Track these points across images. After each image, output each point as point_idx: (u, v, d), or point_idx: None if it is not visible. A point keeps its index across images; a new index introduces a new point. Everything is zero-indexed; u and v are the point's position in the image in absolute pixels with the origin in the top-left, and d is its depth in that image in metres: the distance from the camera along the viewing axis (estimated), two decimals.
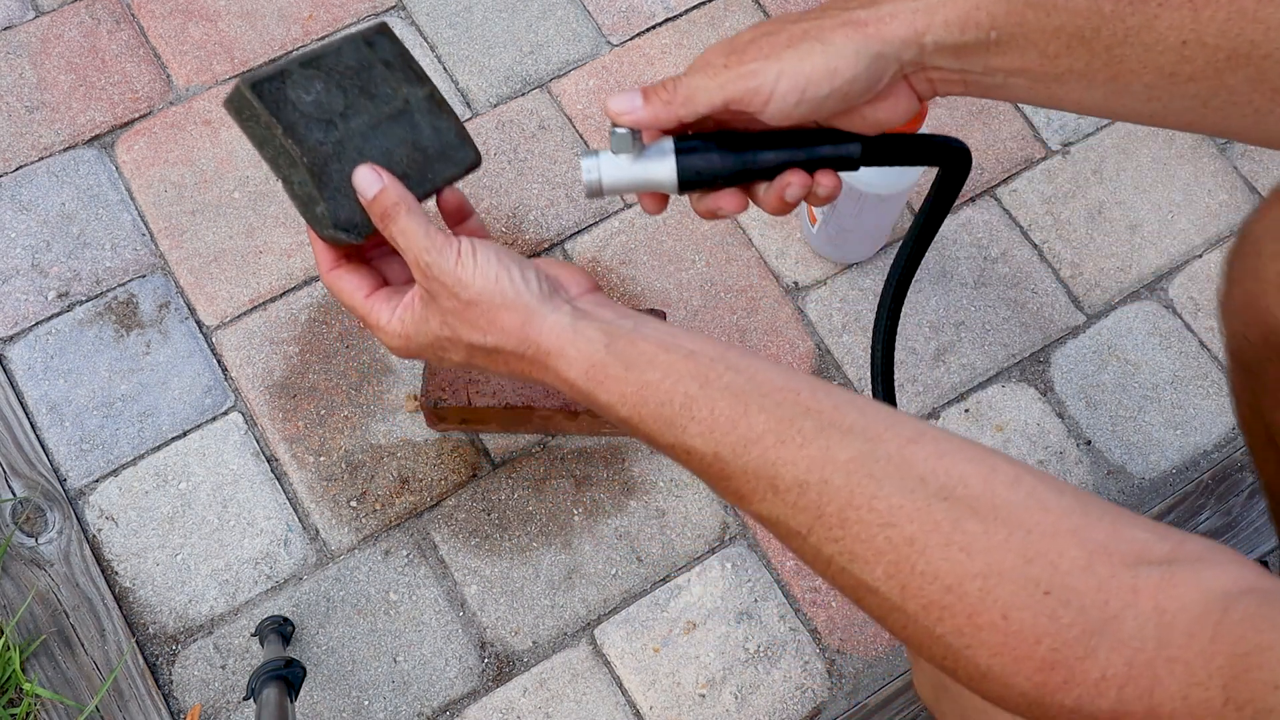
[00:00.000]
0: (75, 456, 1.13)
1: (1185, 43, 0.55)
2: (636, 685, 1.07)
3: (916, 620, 0.50)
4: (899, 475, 0.51)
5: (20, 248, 1.21)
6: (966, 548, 0.48)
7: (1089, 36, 0.56)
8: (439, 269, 0.59)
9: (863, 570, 0.50)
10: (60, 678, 1.03)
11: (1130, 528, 0.49)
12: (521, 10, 1.35)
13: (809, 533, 0.52)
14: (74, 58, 1.29)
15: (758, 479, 0.53)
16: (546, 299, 0.59)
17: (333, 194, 0.61)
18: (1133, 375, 1.21)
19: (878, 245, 1.23)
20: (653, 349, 0.56)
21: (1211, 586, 0.46)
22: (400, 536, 1.11)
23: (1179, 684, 0.44)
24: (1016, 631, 0.47)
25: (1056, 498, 0.50)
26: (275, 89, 0.61)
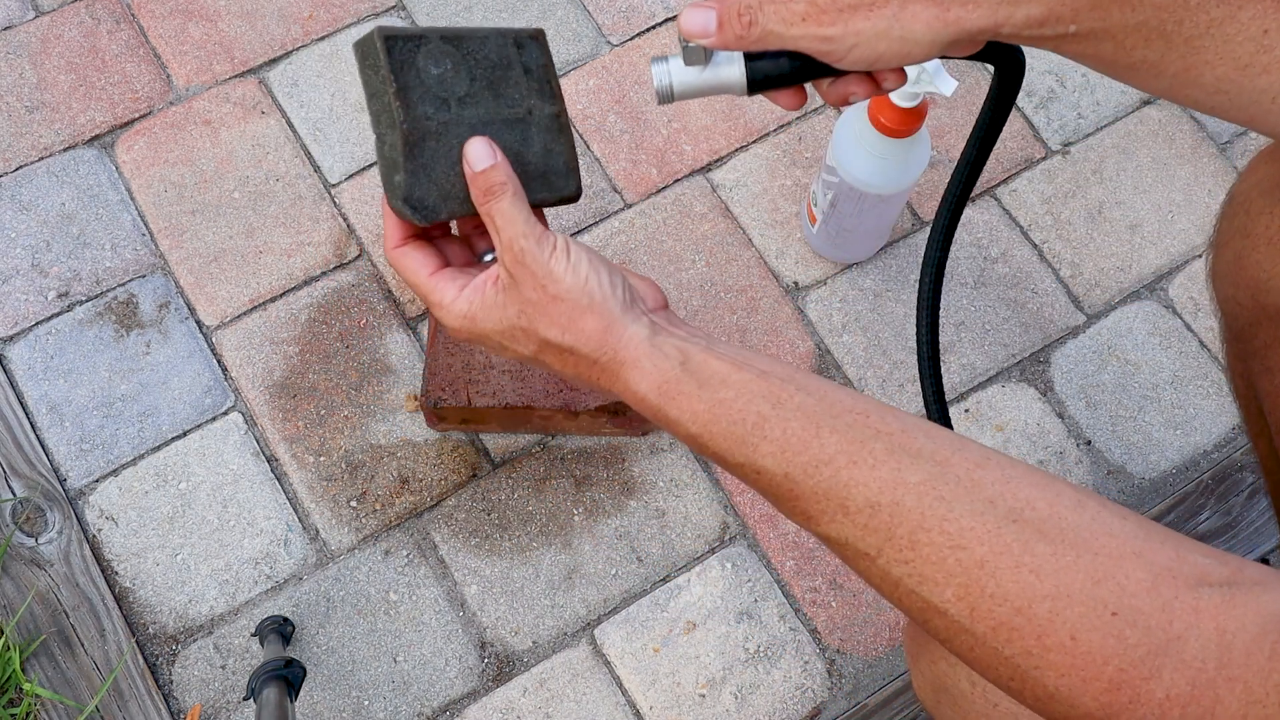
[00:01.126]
0: (75, 456, 1.13)
1: (1267, 31, 0.55)
2: (636, 685, 1.07)
3: (985, 642, 0.50)
4: (969, 498, 0.51)
5: (20, 248, 1.21)
6: (1036, 570, 0.49)
7: (1170, 30, 0.56)
8: (533, 257, 0.58)
9: (932, 592, 0.51)
10: (60, 678, 1.03)
11: (1191, 552, 0.49)
12: (521, 10, 1.35)
13: (879, 554, 0.52)
14: (74, 58, 1.29)
15: (828, 500, 0.53)
16: (629, 309, 0.59)
17: (416, 169, 0.60)
18: (1133, 375, 1.21)
19: (878, 245, 1.23)
20: (726, 368, 0.56)
21: (1270, 609, 0.46)
22: (400, 536, 1.11)
23: (1239, 703, 0.45)
24: (1085, 652, 0.47)
25: (1120, 522, 0.50)
26: (408, 49, 0.60)
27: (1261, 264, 0.73)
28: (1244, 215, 0.74)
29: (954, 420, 1.18)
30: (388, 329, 1.19)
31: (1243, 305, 0.77)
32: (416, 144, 0.60)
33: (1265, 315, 0.76)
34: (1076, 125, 1.32)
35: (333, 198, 1.25)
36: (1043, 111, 1.32)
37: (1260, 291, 0.74)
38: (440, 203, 0.61)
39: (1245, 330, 0.80)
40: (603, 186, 1.27)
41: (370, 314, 1.20)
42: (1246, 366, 0.83)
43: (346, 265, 1.22)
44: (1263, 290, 0.73)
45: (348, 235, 1.23)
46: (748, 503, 1.13)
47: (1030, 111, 1.33)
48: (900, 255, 1.24)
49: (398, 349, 1.18)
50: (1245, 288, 0.75)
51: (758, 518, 1.13)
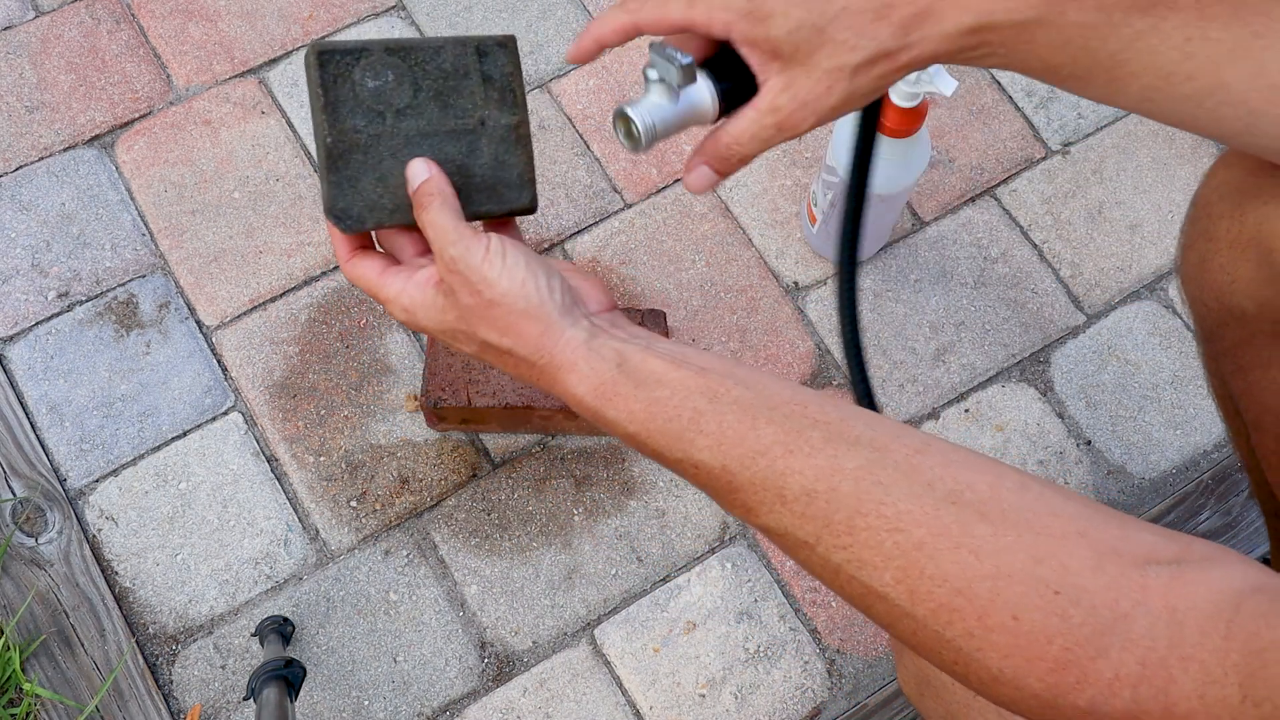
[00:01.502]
0: (75, 456, 1.13)
1: (1189, 39, 0.56)
2: (636, 685, 1.07)
3: (926, 625, 0.49)
4: (906, 482, 0.51)
5: (20, 248, 1.21)
6: (975, 550, 0.48)
7: (1095, 46, 0.56)
8: (465, 264, 0.58)
9: (871, 577, 0.50)
10: (60, 678, 1.03)
11: (1138, 530, 0.49)
12: (521, 10, 1.35)
13: (817, 542, 0.52)
14: (74, 58, 1.29)
15: (765, 490, 0.53)
16: (567, 312, 0.59)
17: (340, 180, 0.61)
18: (1133, 375, 1.21)
19: (878, 245, 1.23)
20: (663, 367, 0.56)
21: (1222, 585, 0.46)
22: (400, 536, 1.11)
23: (1194, 683, 0.44)
24: (1027, 632, 0.47)
25: (1064, 502, 0.50)
26: (343, 64, 0.60)
27: (1224, 267, 0.73)
28: (1206, 219, 0.75)
29: (954, 420, 1.18)
30: (388, 329, 1.19)
31: (1209, 307, 0.78)
32: (340, 157, 0.61)
33: (1231, 316, 0.77)
34: (1076, 125, 1.32)
35: None
36: (1043, 111, 1.32)
37: (1224, 294, 0.75)
38: (366, 213, 0.62)
39: (1214, 331, 0.80)
40: (603, 186, 1.27)
41: (370, 314, 1.20)
42: (1219, 366, 0.84)
43: None
44: (1227, 292, 0.74)
45: None
46: None
47: (1030, 111, 1.33)
48: (900, 255, 1.24)
49: (398, 349, 1.18)
50: (1210, 290, 0.76)
51: None
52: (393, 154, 0.62)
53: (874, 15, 0.56)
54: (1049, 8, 0.56)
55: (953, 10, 0.56)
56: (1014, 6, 0.56)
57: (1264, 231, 0.69)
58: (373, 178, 0.62)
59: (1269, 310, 0.72)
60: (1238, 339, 0.79)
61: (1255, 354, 0.80)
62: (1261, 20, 0.55)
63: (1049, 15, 0.56)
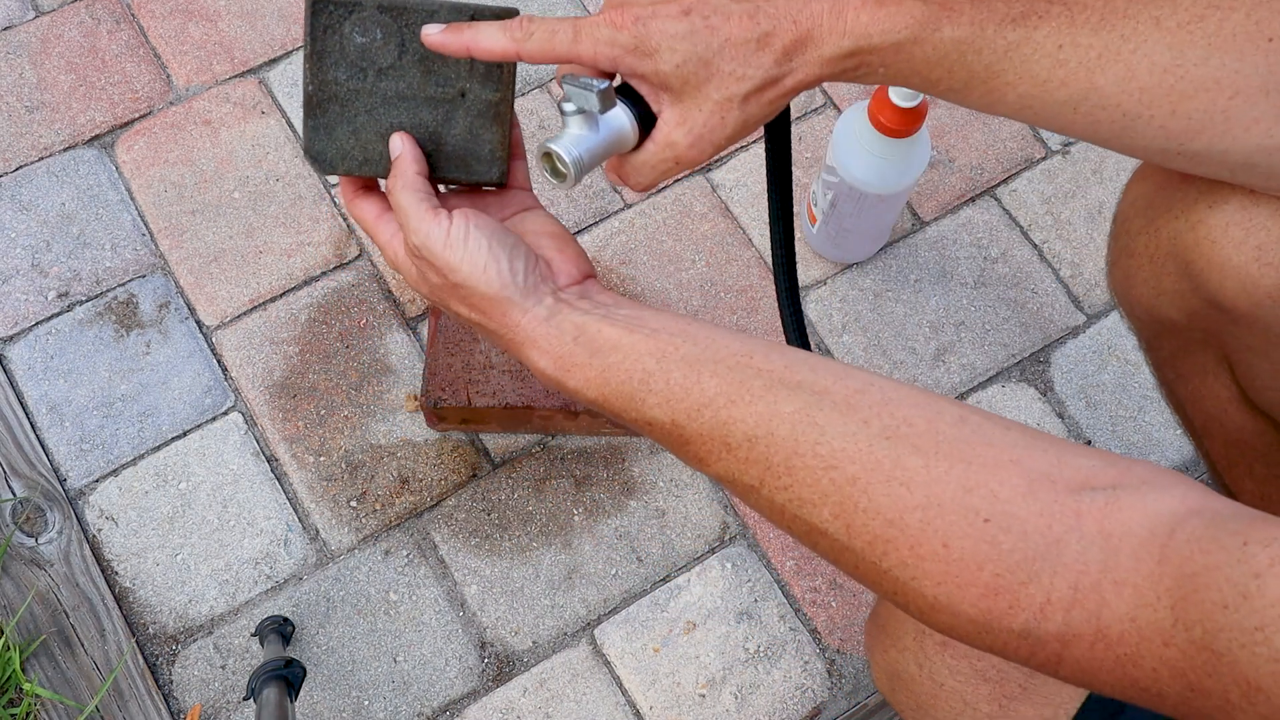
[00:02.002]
0: (75, 456, 1.13)
1: (1061, 46, 0.58)
2: (636, 685, 1.07)
3: (864, 557, 0.51)
4: (842, 421, 0.52)
5: (20, 248, 1.21)
6: (907, 483, 0.50)
7: (970, 60, 0.58)
8: (427, 250, 0.60)
9: (811, 514, 0.52)
10: (60, 678, 1.03)
11: (1075, 456, 0.50)
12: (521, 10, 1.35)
13: (760, 485, 0.54)
14: (74, 58, 1.29)
15: (712, 440, 0.55)
16: (530, 292, 0.60)
17: (317, 126, 0.63)
18: (1133, 375, 1.21)
19: (878, 245, 1.23)
20: (616, 333, 0.59)
21: (1157, 510, 0.46)
22: (400, 536, 1.11)
23: (1127, 606, 0.45)
24: (958, 559, 0.48)
25: (1002, 433, 0.51)
26: (335, 15, 0.61)
27: (1147, 281, 0.75)
28: (1125, 235, 0.76)
29: None
30: (388, 329, 1.19)
31: (1142, 320, 0.79)
32: (319, 105, 0.63)
33: (1164, 328, 0.77)
34: None
35: (332, 198, 1.25)
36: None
37: (1153, 307, 0.76)
38: (337, 160, 0.64)
39: (1152, 342, 0.82)
40: (603, 186, 1.27)
41: (370, 314, 1.20)
42: (1163, 375, 0.84)
43: (346, 265, 1.22)
44: (1155, 306, 0.75)
45: (348, 235, 1.23)
46: None
47: None
48: (900, 255, 1.24)
49: (398, 349, 1.18)
50: (1140, 304, 0.77)
51: (758, 518, 1.13)
52: (368, 111, 0.63)
53: (756, 45, 0.58)
54: (923, 27, 0.58)
55: (831, 35, 0.58)
56: (889, 28, 0.58)
57: (1179, 245, 0.70)
58: (347, 130, 0.64)
59: (1198, 320, 0.73)
60: (1174, 349, 0.80)
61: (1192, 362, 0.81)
62: (1129, 24, 0.57)
63: (924, 34, 0.58)
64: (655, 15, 0.58)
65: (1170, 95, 0.58)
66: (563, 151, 0.61)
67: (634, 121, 0.61)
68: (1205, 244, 0.68)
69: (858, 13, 0.58)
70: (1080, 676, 0.48)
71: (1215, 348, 0.78)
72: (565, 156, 0.61)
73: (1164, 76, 0.57)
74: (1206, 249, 0.68)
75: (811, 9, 0.58)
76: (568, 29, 0.60)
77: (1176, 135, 0.59)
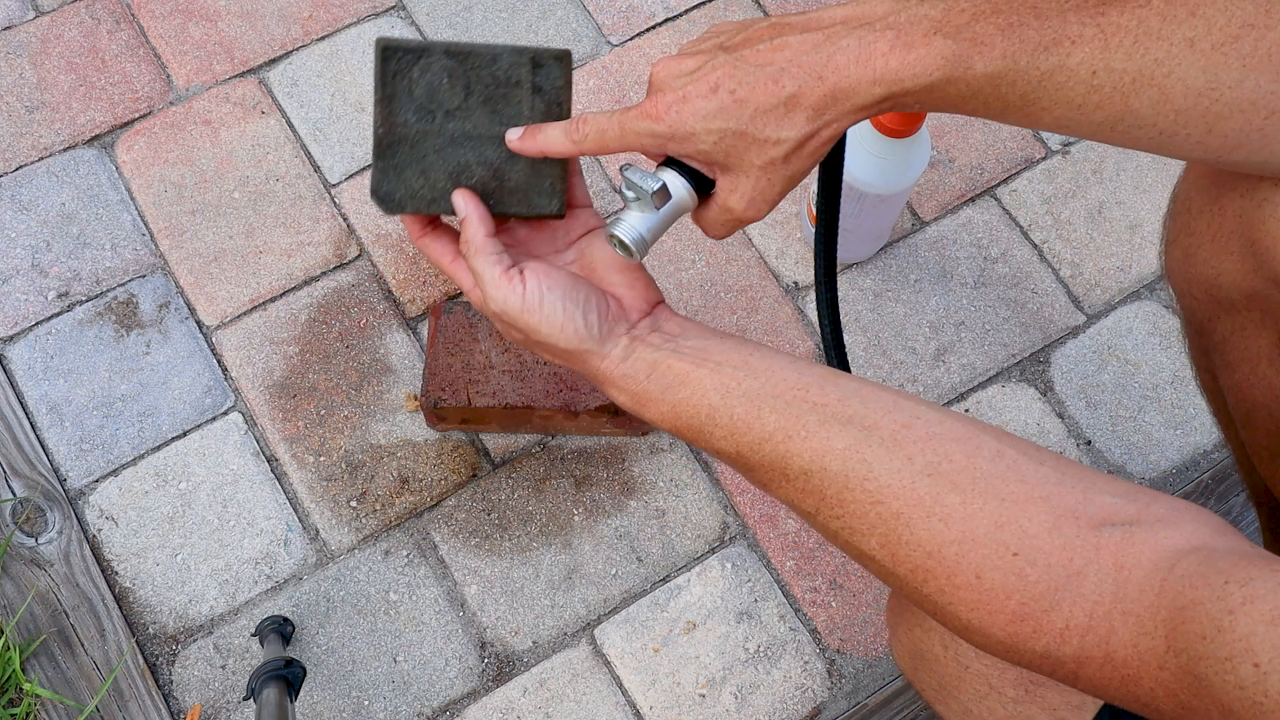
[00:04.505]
0: (75, 456, 1.13)
1: (1095, 72, 0.58)
2: (636, 685, 1.07)
3: (907, 583, 0.57)
4: (889, 457, 0.57)
5: (20, 248, 1.21)
6: (945, 518, 0.55)
7: (1004, 92, 0.59)
8: (506, 315, 0.65)
9: (861, 542, 0.58)
10: (60, 678, 1.03)
11: (1101, 493, 0.54)
12: (521, 10, 1.35)
13: (816, 513, 0.60)
14: (74, 58, 1.29)
15: (772, 470, 0.61)
16: (605, 338, 0.66)
17: (386, 168, 0.66)
18: (1133, 375, 1.21)
19: (878, 245, 1.23)
20: (684, 368, 0.64)
21: (1165, 545, 0.51)
22: (400, 536, 1.11)
23: (1131, 633, 0.50)
24: (989, 589, 0.53)
25: (1035, 468, 0.56)
26: (404, 61, 0.65)
27: (1209, 261, 0.75)
28: (1186, 214, 0.76)
29: None
30: (388, 329, 1.19)
31: (1198, 300, 0.79)
32: (389, 147, 0.66)
33: (1221, 309, 0.77)
34: None
35: (333, 198, 1.25)
36: None
37: (1212, 287, 0.76)
38: (406, 200, 0.67)
39: (1204, 325, 0.82)
40: (603, 186, 1.27)
41: (370, 314, 1.20)
42: (1209, 360, 0.84)
43: (346, 265, 1.22)
44: (1214, 286, 0.75)
45: (348, 235, 1.23)
46: (748, 503, 1.13)
47: None
48: (900, 255, 1.24)
49: (398, 349, 1.18)
50: (1197, 284, 0.77)
51: (758, 518, 1.13)
52: (436, 151, 0.66)
53: (785, 108, 0.60)
54: (955, 66, 0.58)
55: (861, 85, 0.59)
56: (919, 71, 0.58)
57: (1244, 223, 0.70)
58: (416, 170, 0.66)
59: (1257, 301, 0.73)
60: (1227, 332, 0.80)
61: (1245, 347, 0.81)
62: (1162, 47, 0.57)
63: (955, 72, 0.58)
64: (686, 99, 0.61)
65: (1205, 117, 0.58)
66: (625, 237, 0.66)
67: (690, 190, 0.65)
68: (1271, 222, 0.67)
69: (886, 59, 0.58)
70: (1094, 690, 0.53)
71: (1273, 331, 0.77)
72: (629, 240, 0.66)
73: (1198, 100, 0.57)
74: (1273, 226, 0.67)
75: (836, 61, 0.59)
76: (614, 126, 0.64)
77: (1214, 150, 0.60)
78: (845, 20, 0.61)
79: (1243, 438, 0.88)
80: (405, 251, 1.23)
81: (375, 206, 0.67)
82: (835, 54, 0.59)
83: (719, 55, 0.62)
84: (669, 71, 0.63)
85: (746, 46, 0.62)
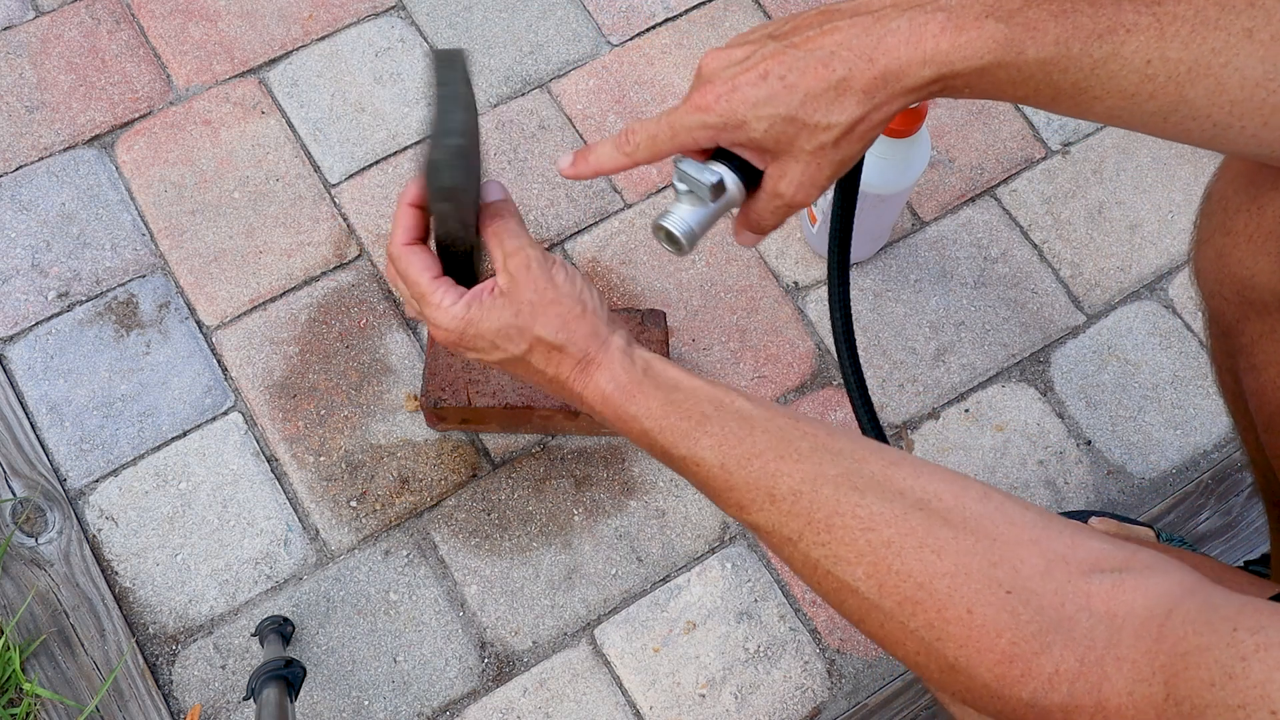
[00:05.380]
0: (75, 456, 1.13)
1: (1149, 61, 0.57)
2: (636, 685, 1.07)
3: (892, 616, 0.55)
4: (881, 489, 0.56)
5: (20, 248, 1.21)
6: (938, 550, 0.54)
7: (1056, 79, 0.58)
8: (538, 263, 0.65)
9: (846, 571, 0.56)
10: (60, 678, 1.03)
11: (1087, 540, 0.53)
12: (521, 10, 1.35)
13: (799, 538, 0.58)
14: (74, 58, 1.29)
15: (757, 489, 0.59)
16: (610, 322, 0.67)
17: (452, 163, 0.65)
18: (1133, 375, 1.21)
19: (878, 245, 1.23)
20: (681, 375, 0.64)
21: (1158, 592, 0.50)
22: (400, 536, 1.11)
23: (1125, 681, 0.48)
24: (980, 625, 0.52)
25: (1021, 513, 0.55)
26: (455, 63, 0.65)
27: (1244, 261, 0.73)
28: (1222, 213, 0.75)
29: (954, 420, 1.18)
30: (388, 329, 1.19)
31: (1228, 301, 0.78)
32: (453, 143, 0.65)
33: (1252, 311, 0.76)
34: (1076, 125, 1.32)
35: (333, 198, 1.25)
36: (1043, 111, 1.32)
37: (1245, 288, 0.75)
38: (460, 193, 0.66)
39: (1232, 327, 0.81)
40: (603, 186, 1.27)
41: (370, 314, 1.20)
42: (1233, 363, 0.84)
43: (346, 265, 1.22)
44: (1247, 286, 0.74)
45: (348, 235, 1.23)
46: None
47: (1030, 111, 1.33)
48: (900, 255, 1.24)
49: (398, 349, 1.18)
50: (1229, 284, 0.76)
51: None
52: (474, 146, 0.67)
53: (835, 92, 0.60)
54: (1007, 50, 0.58)
55: (911, 66, 0.59)
56: (970, 54, 0.58)
57: None
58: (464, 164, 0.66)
59: None
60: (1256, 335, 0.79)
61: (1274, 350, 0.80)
62: (1220, 37, 0.56)
63: (1007, 57, 0.58)
64: (736, 88, 0.61)
65: (1262, 109, 0.57)
66: (676, 229, 0.66)
67: (739, 184, 0.65)
68: None
69: (937, 40, 0.58)
70: None
71: None
72: (679, 232, 0.66)
73: (1255, 90, 0.57)
74: None
75: (886, 43, 0.59)
76: (664, 129, 0.64)
77: (1270, 143, 0.59)
78: (896, 4, 0.60)
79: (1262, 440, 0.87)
80: None
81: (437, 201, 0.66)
82: (886, 36, 0.59)
83: (768, 44, 0.62)
84: (718, 62, 0.63)
85: (795, 34, 0.61)
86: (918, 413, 1.18)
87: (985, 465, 1.16)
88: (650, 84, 1.31)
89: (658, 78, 1.32)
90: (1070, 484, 1.16)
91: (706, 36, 1.35)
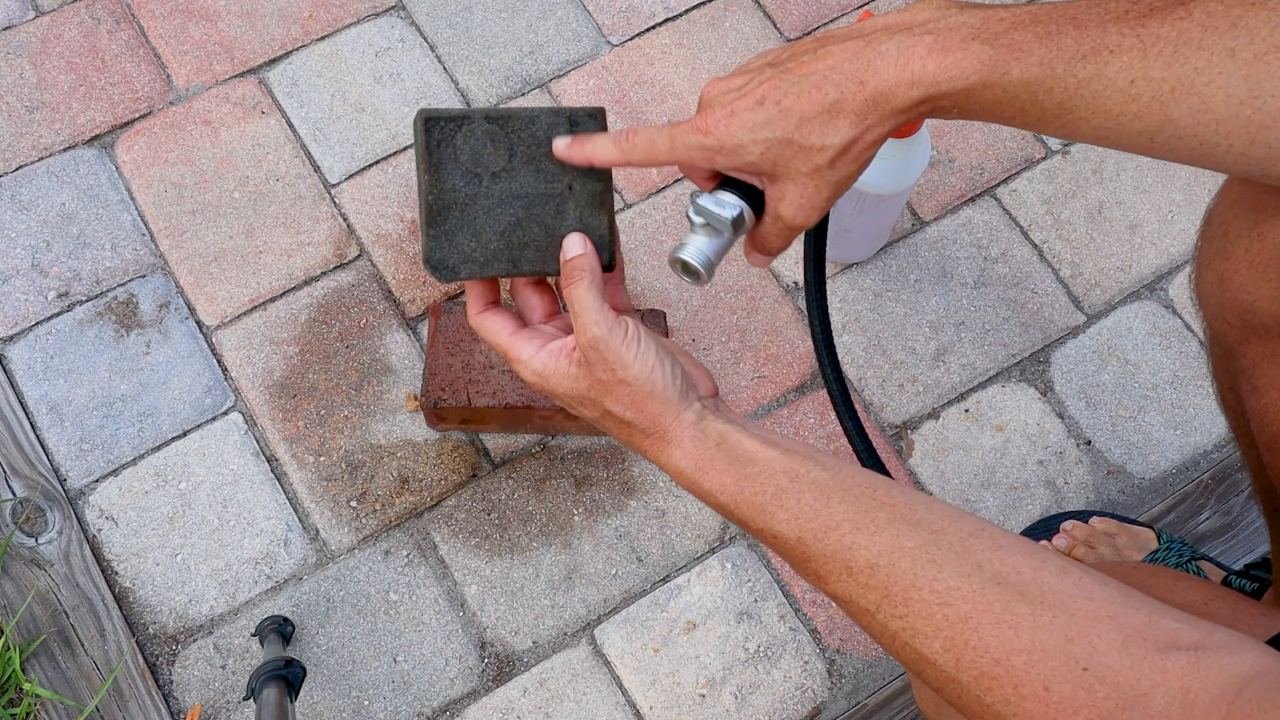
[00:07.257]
0: (75, 456, 1.13)
1: (1133, 81, 0.58)
2: (636, 685, 1.07)
3: (969, 690, 0.55)
4: (958, 562, 0.57)
5: (20, 248, 1.21)
6: (1015, 626, 0.54)
7: (1041, 98, 0.59)
8: (606, 344, 0.65)
9: (923, 644, 0.57)
10: (60, 678, 1.03)
11: (1164, 618, 0.54)
12: (521, 10, 1.35)
13: (877, 610, 0.59)
14: (74, 58, 1.29)
15: (834, 561, 0.60)
16: (683, 396, 0.67)
17: (438, 234, 0.67)
18: (1133, 375, 1.21)
19: (878, 245, 1.23)
20: (756, 447, 0.64)
21: (1230, 671, 0.50)
22: (400, 536, 1.11)
23: None
24: (1056, 702, 0.52)
25: (1100, 587, 0.55)
26: (447, 129, 0.66)
27: (1245, 286, 0.74)
28: (1223, 238, 0.76)
29: (954, 420, 1.18)
30: (388, 329, 1.19)
31: (1230, 324, 0.78)
32: (439, 213, 0.67)
33: (1254, 334, 0.77)
34: None
35: (333, 198, 1.25)
36: None
37: (1246, 313, 0.75)
38: (459, 265, 0.68)
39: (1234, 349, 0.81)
40: None
41: (370, 314, 1.20)
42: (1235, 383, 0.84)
43: (346, 265, 1.22)
44: (1249, 311, 0.75)
45: (348, 235, 1.23)
46: None
47: None
48: (900, 255, 1.24)
49: (398, 349, 1.18)
50: (1231, 309, 0.77)
51: None
52: (486, 212, 0.68)
53: (829, 114, 0.61)
54: (992, 70, 0.59)
55: (899, 87, 0.60)
56: (956, 75, 0.59)
57: None
58: (468, 233, 0.68)
59: None
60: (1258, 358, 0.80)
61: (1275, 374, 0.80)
62: (1202, 57, 0.56)
63: (992, 77, 0.59)
64: (734, 113, 0.62)
65: (1248, 127, 0.58)
66: (694, 261, 0.68)
67: (749, 211, 0.66)
68: None
69: (924, 61, 0.59)
70: None
71: None
72: (697, 263, 0.68)
73: (1240, 109, 0.57)
74: None
75: (876, 66, 0.60)
76: (664, 138, 0.65)
77: (1258, 161, 0.60)
78: (886, 27, 0.62)
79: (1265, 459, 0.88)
80: (405, 252, 1.23)
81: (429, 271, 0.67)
82: (876, 59, 0.60)
83: (765, 71, 0.64)
84: (718, 89, 0.65)
85: (791, 60, 0.63)
86: (918, 413, 1.18)
87: (985, 465, 1.16)
88: (650, 84, 1.31)
89: (658, 78, 1.32)
90: (1070, 484, 1.16)
91: (706, 36, 1.35)
